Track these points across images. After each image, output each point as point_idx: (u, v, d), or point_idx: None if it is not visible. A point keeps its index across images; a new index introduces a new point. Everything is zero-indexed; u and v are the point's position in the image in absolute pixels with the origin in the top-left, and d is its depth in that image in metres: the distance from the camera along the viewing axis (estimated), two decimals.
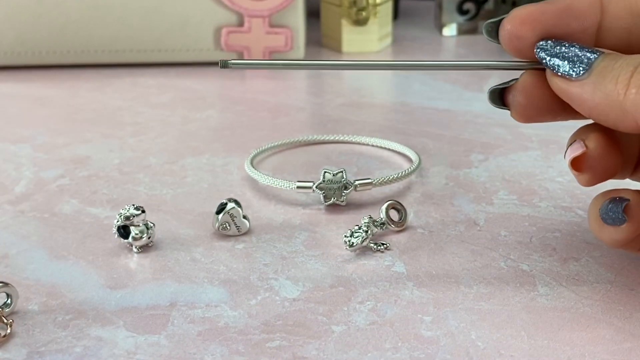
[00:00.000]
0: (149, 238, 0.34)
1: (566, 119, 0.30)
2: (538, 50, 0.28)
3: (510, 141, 0.46)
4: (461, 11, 0.72)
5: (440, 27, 0.73)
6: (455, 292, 0.30)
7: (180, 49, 0.62)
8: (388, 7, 0.69)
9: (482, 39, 0.72)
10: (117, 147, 0.46)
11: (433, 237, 0.35)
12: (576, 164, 0.29)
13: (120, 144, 0.47)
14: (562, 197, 0.38)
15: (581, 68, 0.26)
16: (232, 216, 0.35)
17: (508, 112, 0.30)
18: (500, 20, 0.28)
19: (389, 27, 0.70)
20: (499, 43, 0.29)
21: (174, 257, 0.33)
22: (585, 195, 0.38)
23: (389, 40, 0.70)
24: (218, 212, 0.35)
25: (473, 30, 0.73)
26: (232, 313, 0.29)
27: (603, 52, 0.27)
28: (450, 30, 0.73)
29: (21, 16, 0.60)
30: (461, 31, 0.73)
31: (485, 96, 0.55)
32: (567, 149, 0.29)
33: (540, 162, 0.43)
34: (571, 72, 0.26)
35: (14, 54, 0.61)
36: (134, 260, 0.33)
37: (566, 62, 0.27)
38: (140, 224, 0.34)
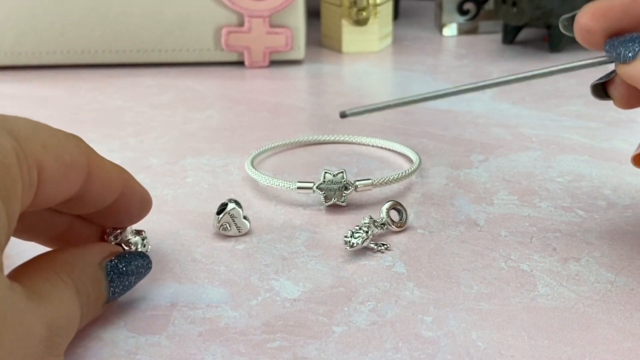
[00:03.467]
0: (144, 247, 0.33)
1: None
2: (605, 46, 0.30)
3: (510, 141, 0.46)
4: (461, 11, 0.72)
5: (440, 27, 0.73)
6: (455, 292, 0.30)
7: (180, 49, 0.62)
8: (388, 7, 0.69)
9: (482, 39, 0.72)
10: (118, 147, 0.46)
11: (433, 238, 0.35)
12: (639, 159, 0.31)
13: (120, 144, 0.47)
14: (562, 197, 0.38)
15: (634, 50, 0.29)
16: (232, 217, 0.35)
17: (508, 112, 0.31)
18: (574, 16, 0.30)
19: (389, 27, 0.70)
20: (573, 36, 0.31)
21: (174, 258, 0.33)
22: (585, 196, 0.38)
23: (389, 40, 0.70)
24: (218, 213, 0.35)
25: (473, 30, 0.73)
26: (232, 313, 0.29)
27: None
28: (450, 30, 0.73)
29: (21, 16, 0.60)
30: (461, 31, 0.73)
31: (484, 96, 0.55)
32: None
33: (540, 163, 0.43)
34: (629, 55, 0.29)
35: (14, 54, 0.61)
36: None
37: (624, 49, 0.29)
38: (133, 239, 0.33)
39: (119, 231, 0.32)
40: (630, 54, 0.29)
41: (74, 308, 0.26)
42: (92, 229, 0.31)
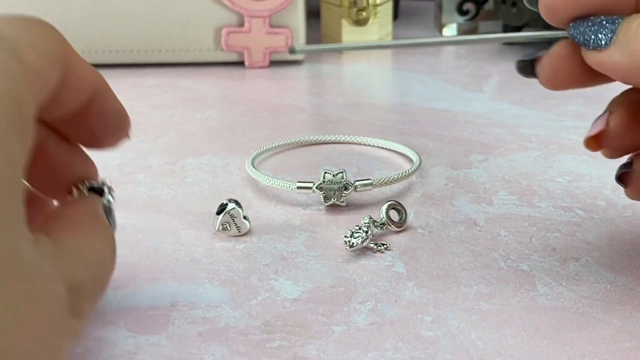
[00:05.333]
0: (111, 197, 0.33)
1: (594, 85, 0.30)
2: (570, 29, 0.28)
3: (510, 141, 0.46)
4: (461, 11, 0.72)
5: (440, 27, 0.73)
6: (455, 292, 0.30)
7: (180, 49, 0.62)
8: (388, 7, 0.69)
9: None
10: (118, 147, 0.46)
11: (433, 238, 0.35)
12: (592, 142, 0.30)
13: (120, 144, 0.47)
14: (562, 197, 0.38)
15: (607, 36, 0.27)
16: (232, 217, 0.35)
17: (507, 112, 0.31)
18: None
19: (389, 27, 0.70)
20: (537, 11, 0.29)
21: (174, 258, 0.34)
22: (585, 196, 0.38)
23: (389, 40, 0.70)
24: (218, 213, 0.35)
25: (473, 31, 0.73)
26: (232, 313, 0.29)
27: (628, 17, 0.27)
28: (450, 30, 0.73)
29: None
30: (461, 31, 0.73)
31: (484, 96, 0.55)
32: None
33: (540, 162, 0.43)
34: (600, 42, 0.27)
35: None
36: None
37: (593, 34, 0.27)
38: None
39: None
40: (602, 41, 0.27)
41: (104, 261, 0.25)
42: (67, 151, 0.29)
